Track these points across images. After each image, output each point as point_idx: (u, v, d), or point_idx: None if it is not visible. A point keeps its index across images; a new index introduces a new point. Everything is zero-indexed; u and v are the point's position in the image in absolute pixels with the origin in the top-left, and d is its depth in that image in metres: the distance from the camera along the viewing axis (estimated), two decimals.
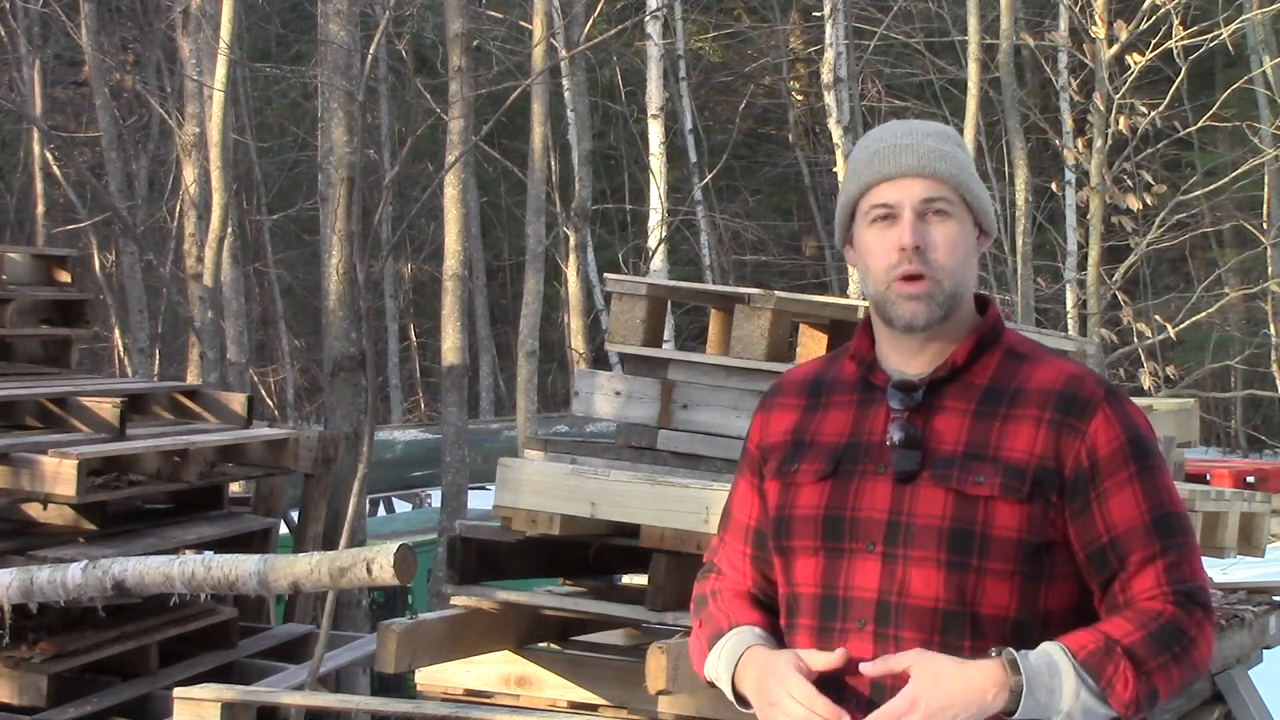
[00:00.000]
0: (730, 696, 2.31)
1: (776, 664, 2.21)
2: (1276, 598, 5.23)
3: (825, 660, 2.19)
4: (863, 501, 2.23)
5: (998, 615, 2.18)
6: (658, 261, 14.90)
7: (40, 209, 16.91)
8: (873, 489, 2.23)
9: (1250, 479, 14.14)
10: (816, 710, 2.15)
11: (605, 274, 6.66)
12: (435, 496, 12.60)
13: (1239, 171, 14.13)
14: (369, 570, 4.06)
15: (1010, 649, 2.12)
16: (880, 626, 2.19)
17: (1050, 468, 2.19)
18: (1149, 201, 12.41)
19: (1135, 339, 12.73)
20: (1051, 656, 2.12)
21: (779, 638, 2.34)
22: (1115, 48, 12.40)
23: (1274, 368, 16.74)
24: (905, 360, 2.28)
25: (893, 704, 2.11)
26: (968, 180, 2.27)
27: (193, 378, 12.39)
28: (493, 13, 17.83)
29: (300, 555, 4.33)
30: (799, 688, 2.17)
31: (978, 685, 2.09)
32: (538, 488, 3.98)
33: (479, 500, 10.52)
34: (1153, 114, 12.10)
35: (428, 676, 4.38)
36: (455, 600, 4.20)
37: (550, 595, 4.27)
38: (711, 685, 2.37)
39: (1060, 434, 2.20)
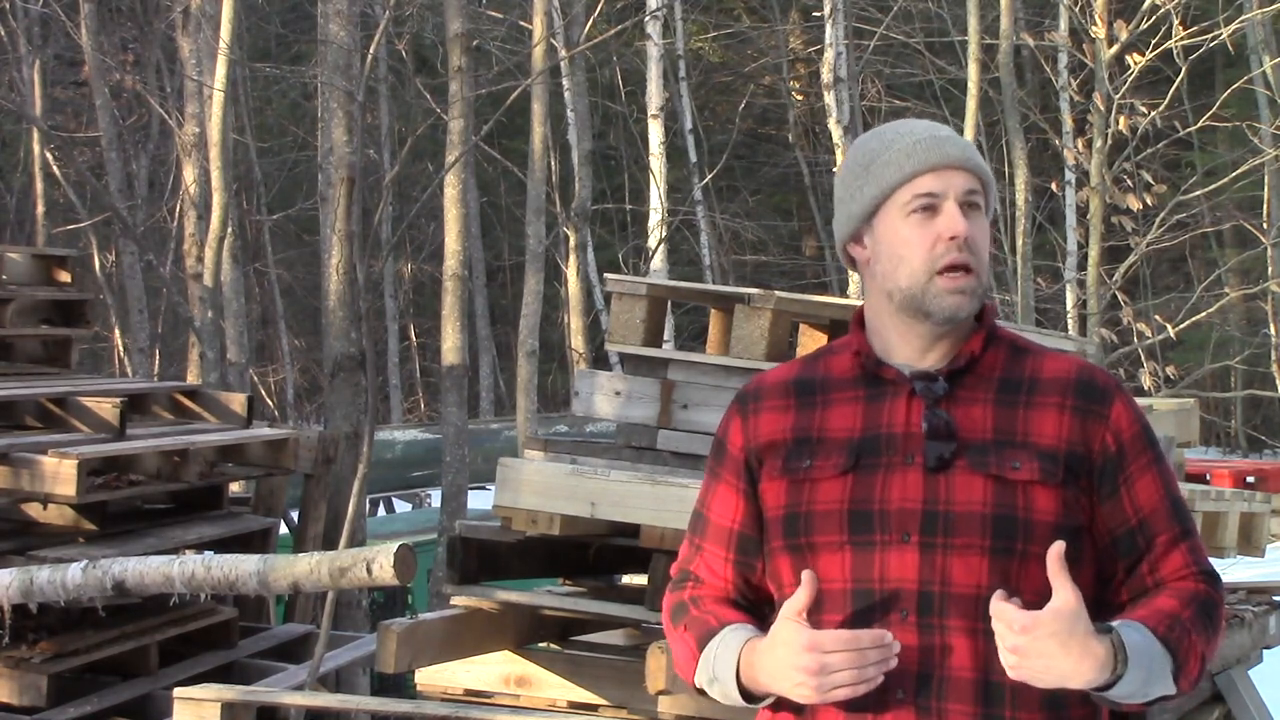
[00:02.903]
0: (734, 694, 2.25)
1: (785, 638, 2.16)
2: (1276, 598, 5.23)
3: (806, 596, 2.16)
4: (892, 493, 2.21)
5: (1038, 600, 2.15)
6: (658, 261, 14.91)
7: (40, 209, 16.93)
8: (902, 480, 2.21)
9: (1250, 479, 14.14)
10: (863, 643, 2.12)
11: (605, 274, 6.67)
12: (435, 496, 12.60)
13: (1239, 171, 14.13)
14: (369, 570, 4.06)
15: (1119, 632, 2.09)
16: (923, 617, 2.17)
17: (1079, 453, 2.22)
18: (1149, 201, 12.41)
19: (1135, 339, 12.73)
20: (1149, 640, 2.11)
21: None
22: (1115, 48, 12.40)
23: (1274, 368, 16.74)
24: (918, 355, 2.28)
25: (1016, 615, 2.06)
26: (990, 180, 2.31)
27: (193, 378, 12.40)
28: (493, 13, 17.84)
29: (300, 555, 4.32)
30: (830, 638, 2.13)
31: (1086, 665, 2.06)
32: (538, 488, 3.98)
33: (479, 500, 10.52)
34: (1153, 114, 12.10)
35: (428, 676, 4.38)
36: (455, 600, 4.20)
37: (550, 595, 4.27)
38: (702, 692, 2.31)
39: (1085, 420, 2.23)
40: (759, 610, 2.36)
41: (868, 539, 2.22)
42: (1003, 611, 2.07)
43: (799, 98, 23.13)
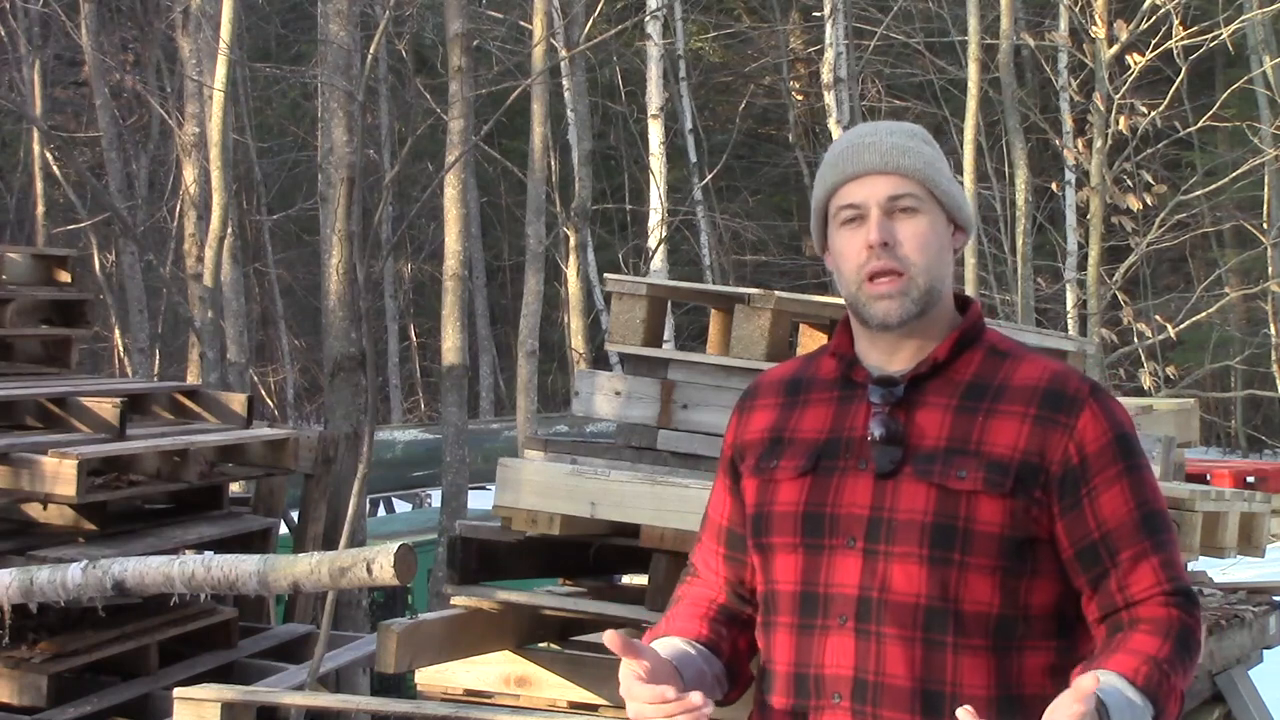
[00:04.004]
0: None
1: (621, 676, 2.16)
2: (1276, 598, 5.23)
3: (619, 646, 2.12)
4: (843, 497, 2.22)
5: (979, 611, 2.17)
6: (658, 261, 14.91)
7: (40, 209, 16.92)
8: (854, 485, 2.22)
9: (1250, 479, 14.15)
10: (669, 697, 2.09)
11: (605, 274, 6.66)
12: (435, 496, 12.60)
13: (1239, 171, 14.14)
14: (369, 570, 4.06)
15: (1099, 696, 2.01)
16: (861, 623, 2.18)
17: (1034, 463, 2.18)
18: (1149, 201, 12.41)
19: (1135, 339, 12.74)
20: (1126, 696, 2.06)
21: (726, 647, 2.34)
22: (1115, 48, 12.41)
23: (1274, 368, 16.75)
24: (885, 358, 2.27)
25: None
26: (935, 175, 2.26)
27: (193, 378, 12.39)
28: (493, 13, 17.84)
29: (300, 555, 4.33)
30: (643, 691, 2.11)
31: None
32: (538, 488, 3.98)
33: (479, 500, 10.51)
34: (1153, 114, 12.11)
35: (428, 676, 4.38)
36: (455, 600, 4.20)
37: (550, 595, 4.27)
38: None
39: (1046, 430, 2.19)
40: (748, 605, 2.38)
41: (818, 542, 2.23)
42: None
43: (799, 98, 23.12)
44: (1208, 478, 13.28)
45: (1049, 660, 2.20)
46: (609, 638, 2.08)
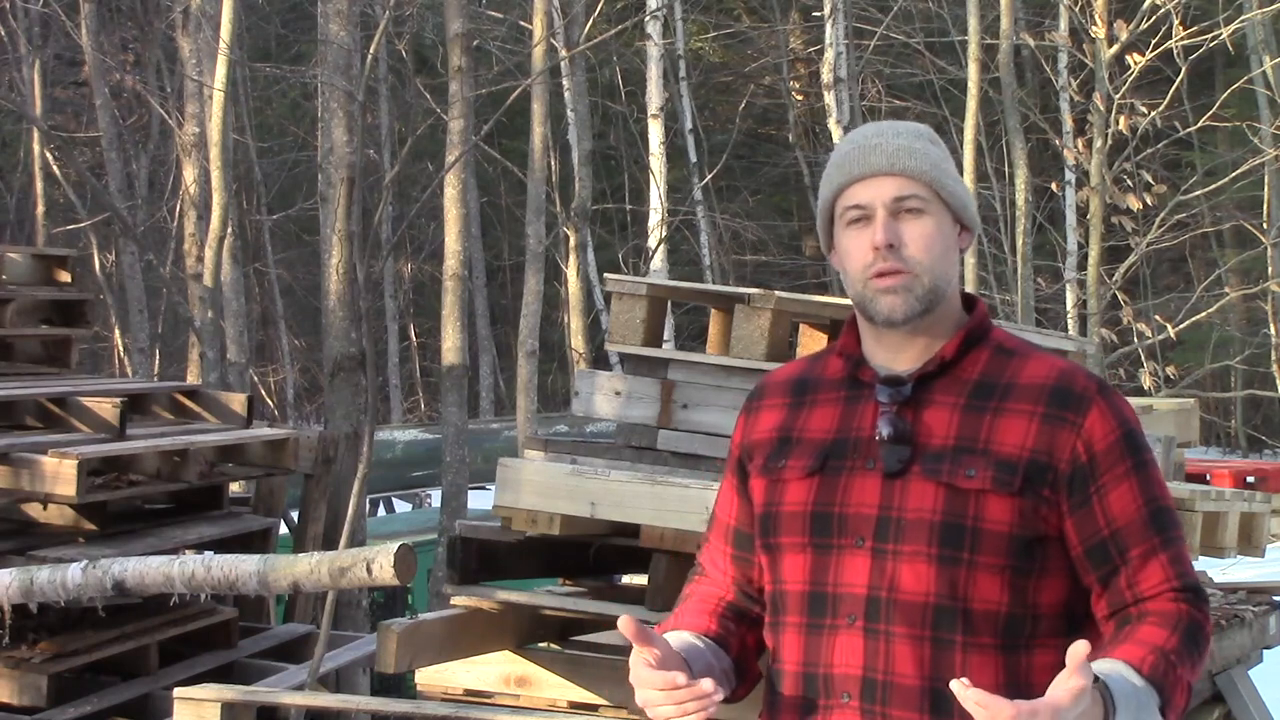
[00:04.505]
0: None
1: (632, 665, 2.15)
2: (1276, 598, 5.23)
3: (633, 633, 2.10)
4: (851, 497, 2.23)
5: (989, 610, 2.17)
6: (658, 261, 14.91)
7: (40, 209, 16.92)
8: (862, 484, 2.23)
9: (1250, 479, 14.15)
10: (679, 684, 2.09)
11: (605, 274, 6.66)
12: (435, 496, 12.60)
13: (1239, 171, 14.14)
14: (369, 570, 4.06)
15: (1105, 681, 2.02)
16: (870, 622, 2.19)
17: (1043, 461, 2.19)
18: (1149, 201, 12.41)
19: (1135, 339, 12.73)
20: (1130, 682, 2.06)
21: (735, 643, 2.34)
22: (1115, 48, 12.40)
23: (1274, 368, 16.74)
24: (892, 357, 2.28)
25: (1041, 710, 1.96)
26: (941, 176, 2.26)
27: (193, 378, 12.40)
28: (493, 13, 17.85)
29: (300, 555, 4.32)
30: (654, 678, 2.11)
31: None
32: (538, 488, 3.98)
33: (479, 500, 10.51)
34: (1153, 114, 12.10)
35: (428, 676, 4.37)
36: (455, 600, 4.20)
37: (550, 595, 4.27)
38: None
39: (1054, 428, 2.20)
40: (756, 605, 2.38)
41: (826, 542, 2.23)
42: (1024, 710, 1.93)
43: (799, 98, 23.11)
44: (1208, 478, 13.28)
45: (1058, 658, 2.18)
46: (623, 623, 2.08)
